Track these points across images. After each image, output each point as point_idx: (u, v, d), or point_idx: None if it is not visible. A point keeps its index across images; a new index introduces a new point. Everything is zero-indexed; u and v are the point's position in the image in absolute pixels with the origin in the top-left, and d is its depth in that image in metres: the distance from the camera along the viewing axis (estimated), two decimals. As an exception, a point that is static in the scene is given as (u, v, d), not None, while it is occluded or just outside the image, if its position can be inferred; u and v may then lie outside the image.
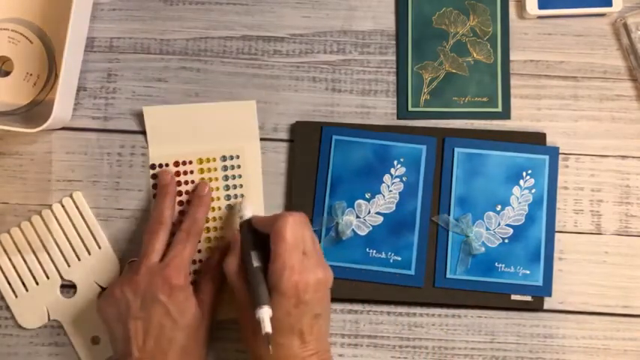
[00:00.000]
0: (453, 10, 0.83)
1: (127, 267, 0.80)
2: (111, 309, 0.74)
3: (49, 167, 0.82)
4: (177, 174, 0.81)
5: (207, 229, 0.80)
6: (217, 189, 0.81)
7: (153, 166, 0.81)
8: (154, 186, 0.81)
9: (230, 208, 0.80)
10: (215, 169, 0.81)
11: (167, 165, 0.81)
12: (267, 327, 0.66)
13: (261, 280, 0.70)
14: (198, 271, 0.79)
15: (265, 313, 0.67)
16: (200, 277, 0.78)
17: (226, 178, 0.81)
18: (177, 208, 0.80)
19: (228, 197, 0.81)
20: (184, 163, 0.81)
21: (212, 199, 0.80)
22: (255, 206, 0.80)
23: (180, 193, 0.80)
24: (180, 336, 0.72)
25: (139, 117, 0.81)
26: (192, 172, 0.81)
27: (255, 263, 0.71)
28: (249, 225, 0.75)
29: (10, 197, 0.81)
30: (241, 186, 0.81)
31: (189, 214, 0.77)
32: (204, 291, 0.76)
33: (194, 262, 0.79)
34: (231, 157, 0.81)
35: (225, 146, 0.81)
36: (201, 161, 0.81)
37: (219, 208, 0.81)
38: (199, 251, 0.80)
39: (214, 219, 0.81)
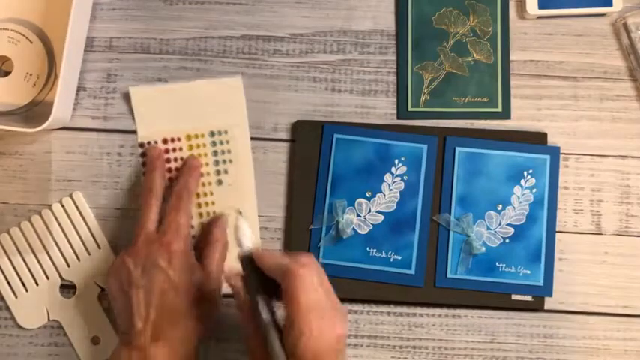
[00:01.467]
0: (453, 10, 0.83)
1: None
2: (114, 281, 0.73)
3: (49, 167, 0.81)
4: (167, 151, 0.81)
5: (198, 205, 0.80)
6: (207, 165, 0.81)
7: (142, 145, 0.81)
8: (144, 164, 0.80)
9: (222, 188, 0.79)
10: (204, 145, 0.81)
11: (156, 142, 0.81)
12: None
13: (274, 336, 0.62)
14: (198, 244, 0.78)
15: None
16: (203, 247, 0.76)
17: (215, 153, 0.81)
18: (168, 183, 0.80)
19: (218, 172, 0.81)
20: (173, 140, 0.81)
21: (202, 175, 0.80)
22: (246, 187, 0.80)
23: (170, 170, 0.80)
24: (182, 301, 0.71)
25: (139, 117, 0.82)
26: (181, 149, 0.81)
27: (264, 314, 0.63)
28: (251, 262, 0.66)
29: (10, 197, 0.81)
30: (231, 161, 0.81)
31: (179, 180, 0.77)
32: (209, 259, 0.74)
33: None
34: (220, 133, 0.81)
35: (213, 122, 0.81)
36: (189, 138, 0.81)
37: (210, 184, 0.81)
38: (192, 227, 0.80)
39: (205, 194, 0.80)
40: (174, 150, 0.81)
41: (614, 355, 0.81)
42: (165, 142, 0.81)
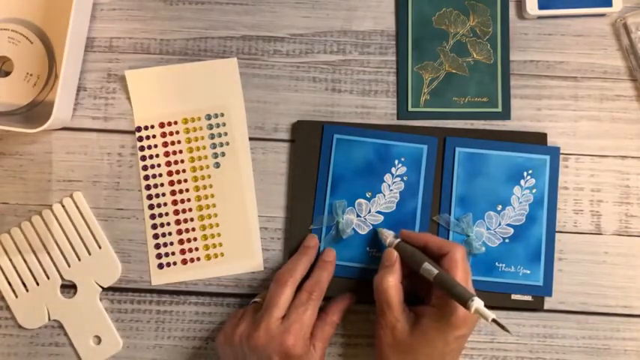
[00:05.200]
0: (453, 11, 0.83)
1: (249, 307, 0.77)
2: (228, 350, 0.74)
3: (49, 167, 0.82)
4: (163, 135, 0.81)
5: (196, 188, 0.81)
6: (204, 147, 0.81)
7: (138, 129, 0.82)
8: (141, 148, 0.81)
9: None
10: (200, 128, 0.81)
11: (152, 127, 0.81)
12: (490, 313, 0.66)
13: (456, 281, 0.69)
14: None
15: (480, 302, 0.66)
16: (318, 319, 0.75)
17: (212, 136, 0.82)
18: (166, 168, 0.81)
19: (215, 155, 0.81)
20: (169, 123, 0.81)
21: (200, 158, 0.81)
22: (243, 161, 0.81)
23: (167, 154, 0.81)
24: None
25: (139, 117, 0.82)
26: (177, 132, 0.81)
27: (437, 270, 0.70)
28: (405, 244, 0.75)
29: (10, 197, 0.81)
30: (227, 143, 0.81)
31: (313, 276, 0.76)
32: (319, 338, 0.74)
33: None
34: (216, 115, 0.82)
35: (209, 104, 0.82)
36: (186, 121, 0.82)
37: (207, 167, 0.81)
38: (189, 200, 0.81)
39: (203, 177, 0.81)
40: (170, 133, 0.81)
41: (614, 355, 0.81)
42: (162, 125, 0.81)
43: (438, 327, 0.70)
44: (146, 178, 0.81)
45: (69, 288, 0.81)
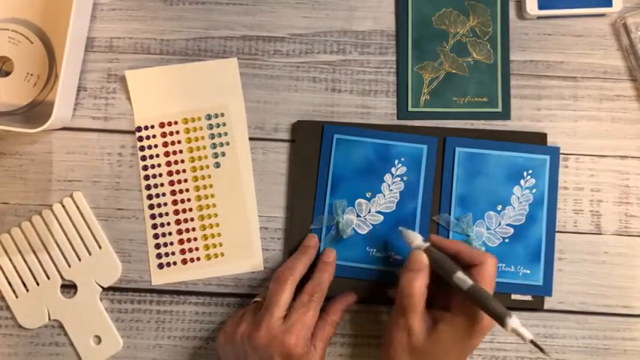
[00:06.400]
0: (453, 11, 0.83)
1: (250, 307, 0.77)
2: (229, 350, 0.74)
3: (49, 167, 0.82)
4: (164, 135, 0.81)
5: (196, 188, 0.81)
6: (204, 147, 0.81)
7: (139, 129, 0.82)
8: (141, 148, 0.81)
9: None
10: (201, 128, 0.82)
11: (152, 127, 0.81)
12: (529, 334, 0.65)
13: (490, 295, 0.68)
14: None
15: (517, 320, 0.66)
16: (319, 319, 0.75)
17: (212, 136, 0.82)
18: (166, 168, 0.81)
19: (215, 155, 0.81)
20: (170, 123, 0.82)
21: (200, 158, 0.81)
22: (243, 161, 0.81)
23: (167, 154, 0.81)
24: None
25: (140, 117, 0.82)
26: (177, 132, 0.81)
27: (470, 281, 0.69)
28: (436, 249, 0.73)
29: (10, 197, 0.81)
30: (228, 143, 0.81)
31: (314, 278, 0.76)
32: (320, 338, 0.74)
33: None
34: (216, 115, 0.82)
35: (209, 104, 0.82)
36: (186, 121, 0.82)
37: (208, 167, 0.81)
38: (189, 200, 0.81)
39: (203, 177, 0.81)
40: (171, 133, 0.81)
41: (614, 355, 0.81)
42: (162, 125, 0.81)
43: (456, 335, 0.69)
44: (146, 178, 0.81)
45: (69, 288, 0.81)
